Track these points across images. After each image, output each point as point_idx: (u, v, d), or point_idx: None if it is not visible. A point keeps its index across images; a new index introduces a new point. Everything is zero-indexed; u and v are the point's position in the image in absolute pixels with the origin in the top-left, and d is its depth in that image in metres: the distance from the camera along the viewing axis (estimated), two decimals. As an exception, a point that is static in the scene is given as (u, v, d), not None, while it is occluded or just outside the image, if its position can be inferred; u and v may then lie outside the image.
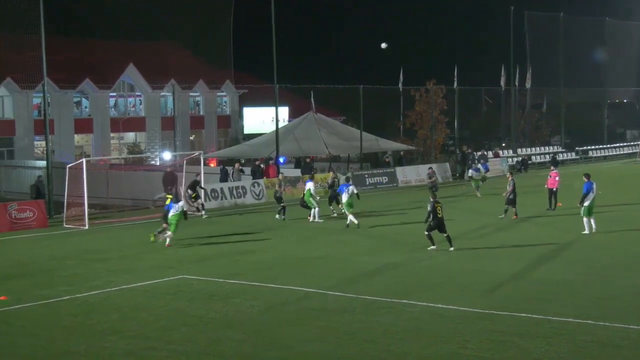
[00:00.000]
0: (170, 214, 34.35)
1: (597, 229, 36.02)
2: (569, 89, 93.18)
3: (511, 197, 41.04)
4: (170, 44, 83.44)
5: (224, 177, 52.06)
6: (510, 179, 41.83)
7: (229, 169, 53.58)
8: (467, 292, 25.24)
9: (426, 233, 32.24)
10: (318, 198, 41.99)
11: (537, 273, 28.10)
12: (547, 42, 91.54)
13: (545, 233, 36.80)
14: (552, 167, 46.30)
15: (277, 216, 42.21)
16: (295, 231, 38.78)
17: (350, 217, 38.56)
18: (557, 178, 43.88)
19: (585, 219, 35.83)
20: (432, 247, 32.25)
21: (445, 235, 32.25)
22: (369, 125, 66.73)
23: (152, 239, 34.63)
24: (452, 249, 32.11)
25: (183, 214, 34.66)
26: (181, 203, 35.11)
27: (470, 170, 52.41)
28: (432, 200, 32.36)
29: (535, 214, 42.48)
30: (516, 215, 40.91)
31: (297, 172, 58.50)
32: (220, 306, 23.84)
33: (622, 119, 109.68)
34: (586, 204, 35.64)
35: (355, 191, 39.65)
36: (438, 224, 32.10)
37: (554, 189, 43.74)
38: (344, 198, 39.28)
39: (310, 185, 41.46)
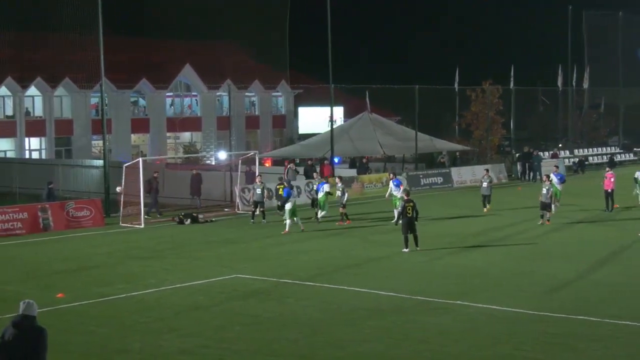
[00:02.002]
0: (288, 206, 37.68)
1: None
2: (627, 89, 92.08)
3: (547, 201, 39.13)
4: (226, 43, 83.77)
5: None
6: (546, 182, 40.02)
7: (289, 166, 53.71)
8: (523, 293, 25.06)
9: (403, 235, 32.31)
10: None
11: (594, 275, 27.82)
12: (606, 42, 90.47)
13: (602, 234, 36.43)
14: (607, 168, 45.66)
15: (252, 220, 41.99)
16: (345, 232, 38.70)
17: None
18: (612, 179, 43.21)
19: None
20: (405, 249, 32.20)
21: (413, 234, 32.15)
22: (424, 125, 66.47)
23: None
24: (417, 249, 32.03)
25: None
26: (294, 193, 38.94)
27: (552, 176, 42.09)
28: (404, 199, 32.35)
29: (592, 216, 42.03)
30: (549, 221, 39.15)
31: (353, 172, 58.49)
32: (274, 306, 23.90)
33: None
34: None
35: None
36: (408, 223, 32.00)
37: (610, 190, 43.15)
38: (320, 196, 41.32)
39: (326, 187, 41.42)
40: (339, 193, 41.67)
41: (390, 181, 41.76)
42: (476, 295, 24.79)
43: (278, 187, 42.58)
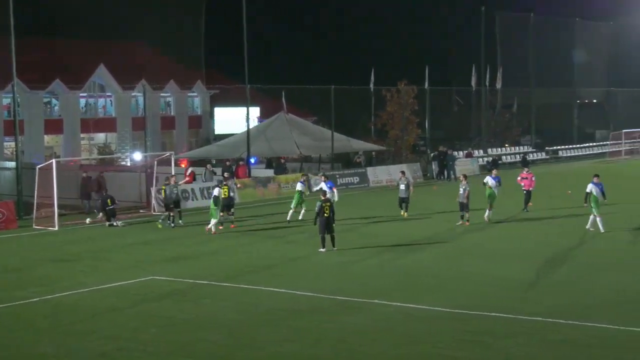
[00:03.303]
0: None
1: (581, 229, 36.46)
2: (539, 90, 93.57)
3: (465, 201, 39.01)
4: (141, 44, 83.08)
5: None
6: (463, 181, 39.73)
7: (201, 169, 53.40)
8: (441, 291, 25.31)
9: (320, 235, 32.44)
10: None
11: (509, 273, 28.16)
12: (518, 43, 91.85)
13: (520, 233, 36.88)
14: (526, 169, 46.01)
15: (160, 222, 41.25)
16: (263, 232, 38.61)
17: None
18: (532, 178, 43.51)
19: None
20: (321, 249, 32.35)
21: (330, 234, 32.34)
22: (341, 125, 66.70)
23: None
24: (334, 249, 32.21)
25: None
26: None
27: (489, 180, 40.33)
28: (321, 199, 32.60)
29: (510, 215, 42.46)
30: (468, 221, 39.13)
31: (270, 172, 58.47)
32: (190, 307, 23.76)
33: (592, 119, 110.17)
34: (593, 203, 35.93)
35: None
36: (325, 223, 32.21)
37: (529, 190, 43.41)
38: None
39: (299, 187, 41.06)
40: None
41: (322, 183, 40.70)
42: (394, 294, 24.93)
43: (163, 187, 42.03)
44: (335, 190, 40.46)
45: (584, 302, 23.68)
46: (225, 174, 45.28)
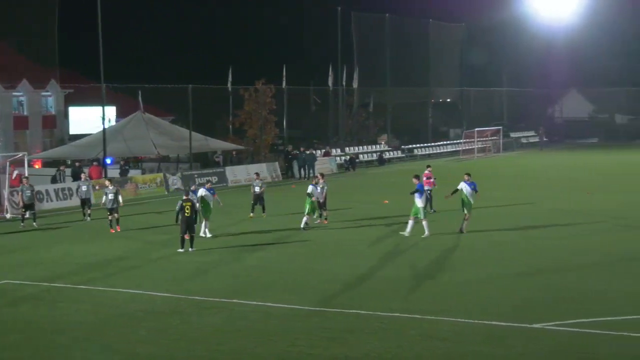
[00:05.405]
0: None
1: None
2: (395, 89, 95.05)
3: (322, 200, 39.10)
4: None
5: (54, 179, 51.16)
6: (321, 181, 39.69)
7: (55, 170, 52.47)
8: (298, 290, 25.49)
9: (180, 235, 32.55)
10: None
11: (366, 270, 28.54)
12: (374, 43, 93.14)
13: (378, 233, 37.26)
14: (428, 168, 44.78)
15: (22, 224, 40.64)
16: (120, 233, 38.07)
17: None
18: (432, 179, 42.38)
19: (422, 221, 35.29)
20: (180, 249, 32.41)
21: (190, 235, 32.37)
22: (199, 125, 66.40)
23: None
24: (191, 250, 32.28)
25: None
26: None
27: (464, 186, 36.28)
28: (183, 199, 32.68)
29: (367, 213, 42.89)
30: (326, 220, 39.52)
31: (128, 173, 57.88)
32: (46, 310, 23.34)
33: (446, 118, 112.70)
34: (420, 204, 34.99)
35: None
36: (186, 223, 32.27)
37: (429, 189, 42.86)
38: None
39: (310, 189, 38.41)
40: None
41: (202, 189, 39.29)
42: (251, 293, 25.02)
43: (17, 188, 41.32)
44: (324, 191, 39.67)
45: (440, 298, 24.22)
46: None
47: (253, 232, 37.23)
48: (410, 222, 35.22)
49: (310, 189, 37.87)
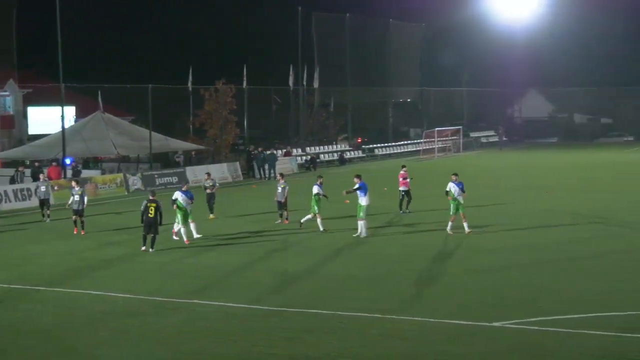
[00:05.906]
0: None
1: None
2: (355, 89, 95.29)
3: (283, 200, 39.22)
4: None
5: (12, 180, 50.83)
6: (281, 181, 39.96)
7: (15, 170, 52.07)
8: (258, 290, 25.49)
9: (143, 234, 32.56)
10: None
11: (326, 270, 28.67)
12: (335, 43, 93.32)
13: (337, 232, 37.33)
14: (403, 168, 44.77)
15: None
16: (80, 234, 37.83)
17: None
18: (407, 179, 42.47)
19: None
20: (143, 248, 32.43)
21: (152, 235, 32.34)
22: (159, 125, 66.22)
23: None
24: (151, 250, 32.26)
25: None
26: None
27: (452, 186, 35.81)
28: (149, 199, 32.65)
29: (330, 213, 42.91)
30: (287, 219, 39.56)
31: (88, 173, 57.59)
32: (5, 313, 23.21)
33: (406, 117, 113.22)
34: (364, 203, 35.26)
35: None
36: (150, 224, 32.25)
37: (406, 189, 42.83)
38: None
39: (315, 189, 37.51)
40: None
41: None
42: (212, 293, 25.04)
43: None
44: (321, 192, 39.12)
45: (401, 297, 24.31)
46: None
47: (211, 232, 37.13)
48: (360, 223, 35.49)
49: (316, 189, 37.34)
